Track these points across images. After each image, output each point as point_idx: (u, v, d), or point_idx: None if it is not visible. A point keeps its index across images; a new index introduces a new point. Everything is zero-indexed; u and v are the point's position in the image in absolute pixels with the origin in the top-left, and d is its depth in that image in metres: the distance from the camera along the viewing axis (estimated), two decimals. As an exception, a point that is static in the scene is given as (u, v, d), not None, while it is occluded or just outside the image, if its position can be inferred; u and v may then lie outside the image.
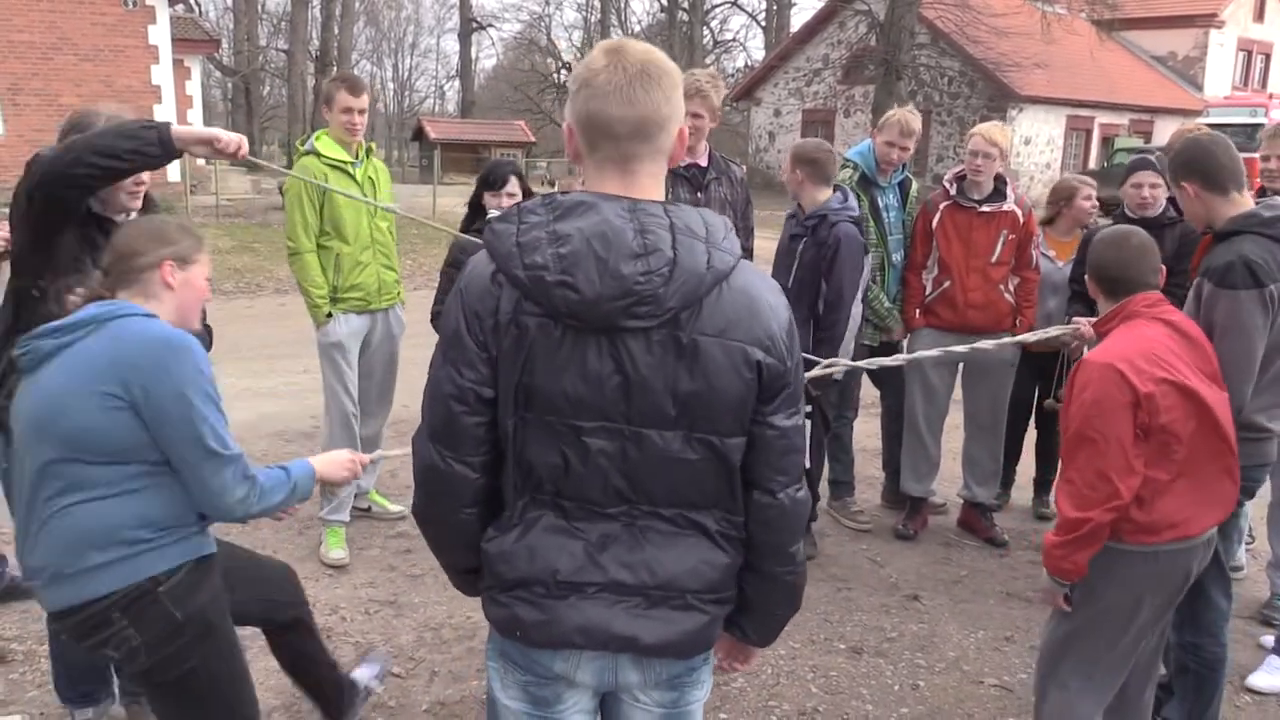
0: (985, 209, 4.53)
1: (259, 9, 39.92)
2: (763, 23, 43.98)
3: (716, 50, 45.16)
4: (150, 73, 17.03)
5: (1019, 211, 4.55)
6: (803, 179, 4.25)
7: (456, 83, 47.87)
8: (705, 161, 4.19)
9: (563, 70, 41.52)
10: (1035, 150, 27.18)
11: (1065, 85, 27.10)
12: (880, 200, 4.73)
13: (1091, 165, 26.52)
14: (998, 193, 4.55)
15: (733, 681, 3.45)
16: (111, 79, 16.58)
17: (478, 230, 3.94)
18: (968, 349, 3.87)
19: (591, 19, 45.79)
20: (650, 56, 1.56)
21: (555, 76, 42.54)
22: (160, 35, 17.11)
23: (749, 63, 43.84)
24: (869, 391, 5.31)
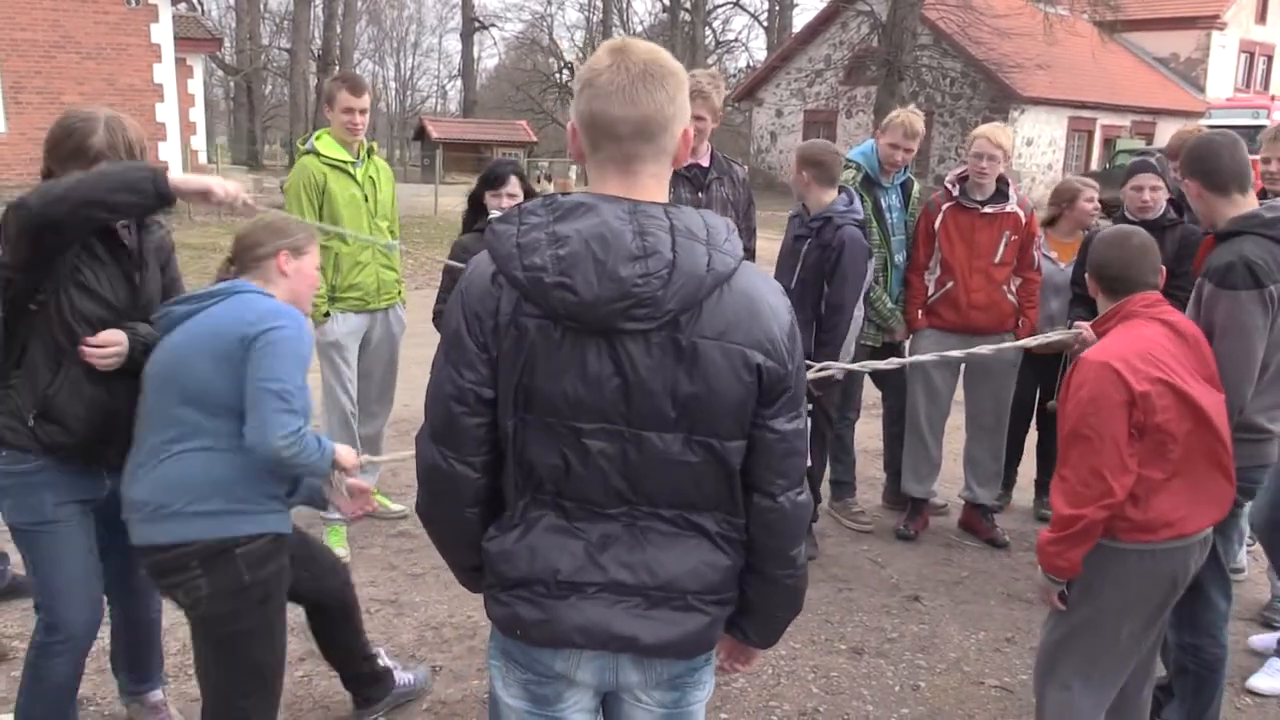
0: (988, 210, 4.53)
1: (261, 8, 39.96)
2: (765, 23, 44.02)
3: (719, 50, 45.20)
4: (153, 71, 17.02)
5: (1021, 212, 4.55)
6: (809, 180, 4.25)
7: (458, 82, 47.87)
8: (707, 162, 4.19)
9: (565, 70, 41.53)
10: (1037, 151, 27.17)
11: (1067, 86, 27.10)
12: (883, 201, 4.73)
13: (1093, 166, 26.51)
14: (1000, 194, 4.55)
15: (733, 681, 3.45)
16: (114, 77, 16.58)
17: (479, 229, 3.95)
18: (964, 354, 3.87)
19: (593, 19, 45.80)
20: (654, 56, 1.56)
21: (557, 76, 42.54)
22: (163, 34, 17.10)
23: (751, 63, 43.87)
24: (871, 392, 5.31)
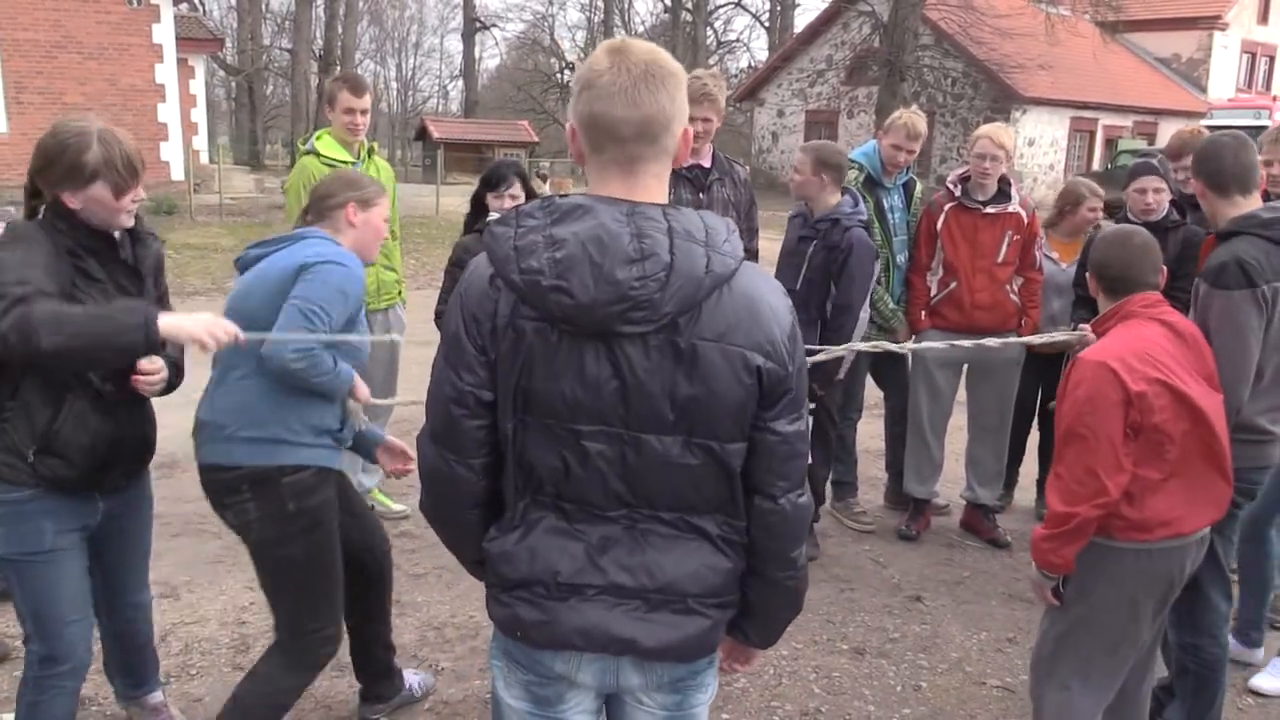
0: (990, 210, 4.53)
1: (263, 8, 40.01)
2: (766, 23, 44.03)
3: (720, 51, 45.25)
4: (154, 71, 17.02)
5: (1024, 212, 4.55)
6: (826, 183, 4.25)
7: (460, 82, 47.92)
8: (708, 162, 4.19)
9: (566, 70, 41.53)
10: (1039, 152, 27.16)
11: (1069, 87, 27.09)
12: (885, 201, 4.73)
13: (1095, 167, 26.49)
14: (1002, 194, 4.56)
15: (735, 682, 3.45)
16: (116, 77, 16.59)
17: (480, 230, 3.95)
18: (973, 344, 3.86)
19: (595, 19, 45.86)
20: (654, 57, 1.55)
21: (558, 77, 42.56)
22: (164, 34, 17.10)
23: (752, 63, 43.88)
24: (873, 392, 5.31)
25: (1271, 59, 33.79)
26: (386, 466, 2.95)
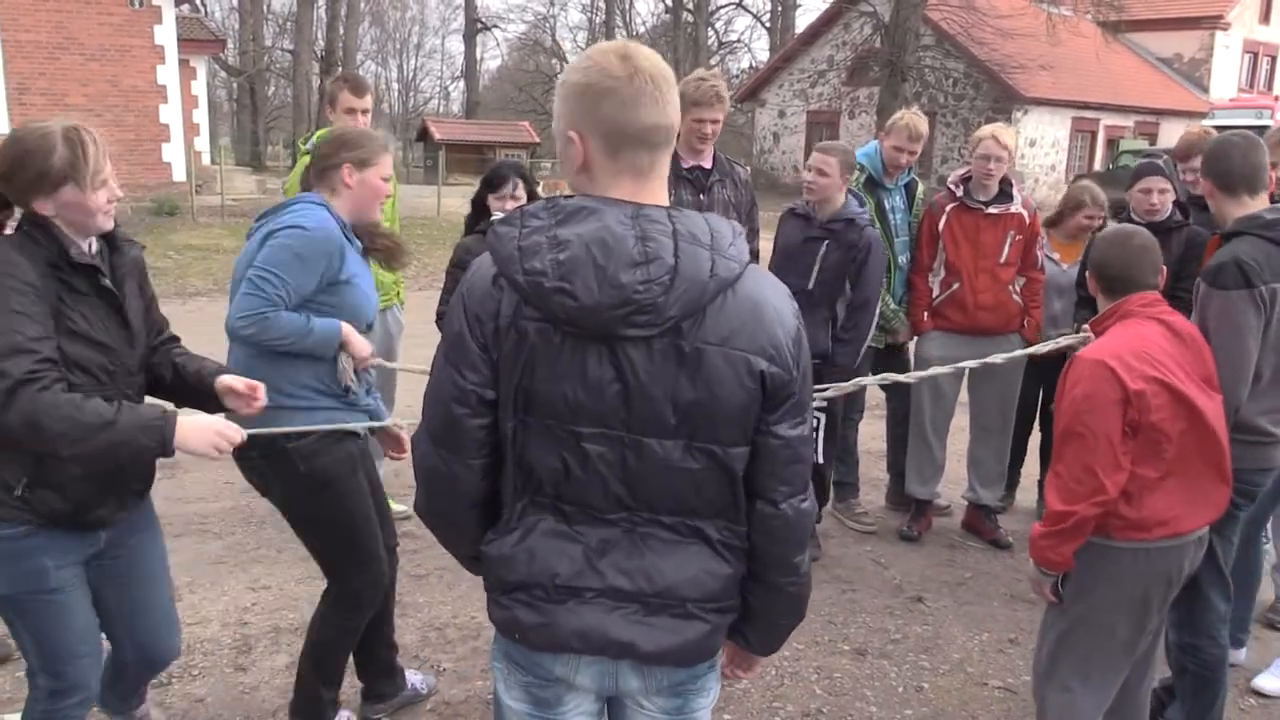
0: (992, 210, 4.53)
1: (264, 9, 40.03)
2: (767, 24, 44.01)
3: (721, 51, 45.24)
4: (156, 73, 17.03)
5: (1025, 213, 4.55)
6: (844, 184, 4.28)
7: (461, 83, 47.88)
8: (709, 163, 4.19)
9: (567, 71, 41.48)
10: (1040, 152, 27.14)
11: (1070, 87, 27.07)
12: (887, 202, 4.73)
13: (1097, 167, 26.47)
14: (1004, 194, 4.56)
15: (737, 682, 3.44)
16: (118, 79, 16.59)
17: (481, 231, 3.95)
18: (979, 363, 3.81)
19: (596, 20, 45.83)
20: (659, 61, 1.57)
21: (560, 77, 42.53)
22: (166, 35, 17.10)
23: (754, 64, 43.88)
24: (874, 393, 5.30)
25: (1273, 59, 33.76)
26: (384, 450, 3.02)
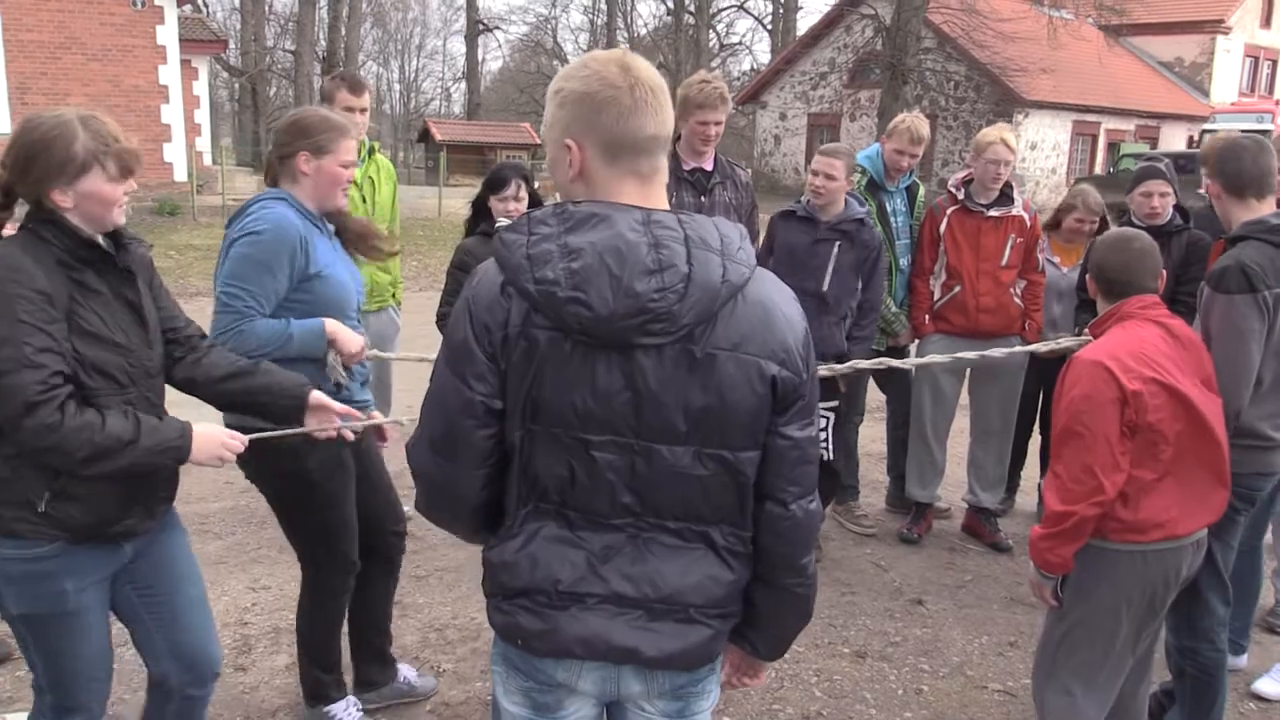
0: (994, 213, 4.53)
1: (266, 10, 40.07)
2: (769, 26, 44.03)
3: (722, 54, 45.27)
4: (158, 73, 17.04)
5: (1026, 215, 4.56)
6: (853, 185, 4.34)
7: (463, 85, 47.87)
8: (710, 166, 4.19)
9: (569, 73, 41.48)
10: (1041, 155, 27.15)
11: (1072, 90, 27.07)
12: (888, 205, 4.73)
13: (1097, 171, 26.48)
14: (1005, 197, 4.57)
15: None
16: (119, 79, 16.60)
17: (483, 232, 3.95)
18: (978, 355, 3.87)
19: (598, 22, 45.90)
20: (655, 71, 1.59)
21: (553, 84, 42.54)
22: (168, 35, 17.12)
23: (755, 66, 43.90)
24: (875, 396, 5.31)
25: (1274, 63, 33.78)
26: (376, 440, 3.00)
